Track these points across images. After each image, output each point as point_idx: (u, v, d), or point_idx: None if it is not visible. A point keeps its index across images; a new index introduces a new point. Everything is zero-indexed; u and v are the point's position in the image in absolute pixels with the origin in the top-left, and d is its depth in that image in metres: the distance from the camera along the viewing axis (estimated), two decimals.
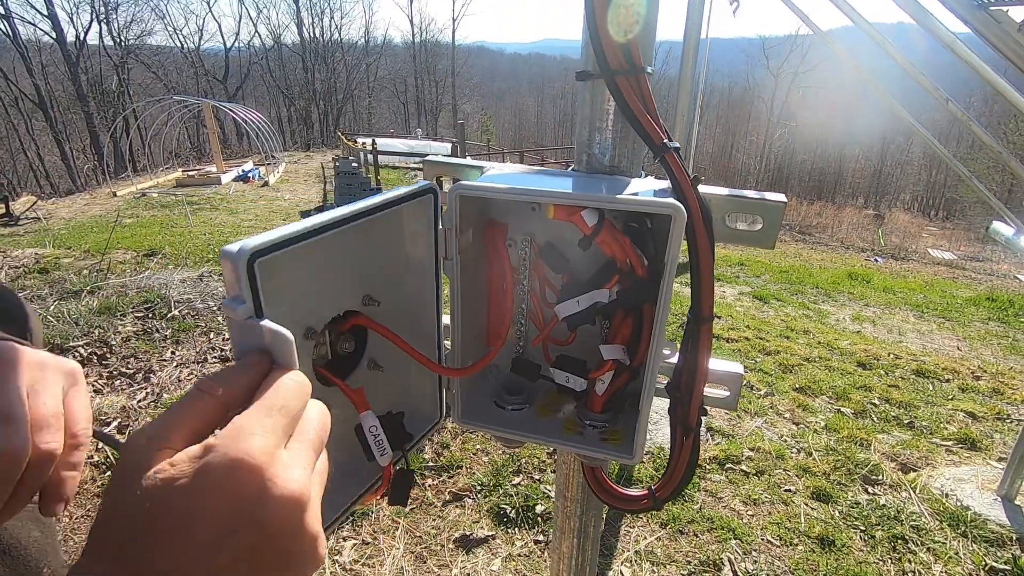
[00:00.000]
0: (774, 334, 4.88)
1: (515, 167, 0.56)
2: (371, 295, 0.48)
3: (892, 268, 11.87)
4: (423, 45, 45.67)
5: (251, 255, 0.34)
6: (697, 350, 0.52)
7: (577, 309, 0.51)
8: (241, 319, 0.34)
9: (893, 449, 2.87)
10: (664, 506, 0.62)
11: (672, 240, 0.43)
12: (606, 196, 0.44)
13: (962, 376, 4.14)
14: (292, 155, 21.21)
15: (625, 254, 0.48)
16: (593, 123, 0.54)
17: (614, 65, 0.48)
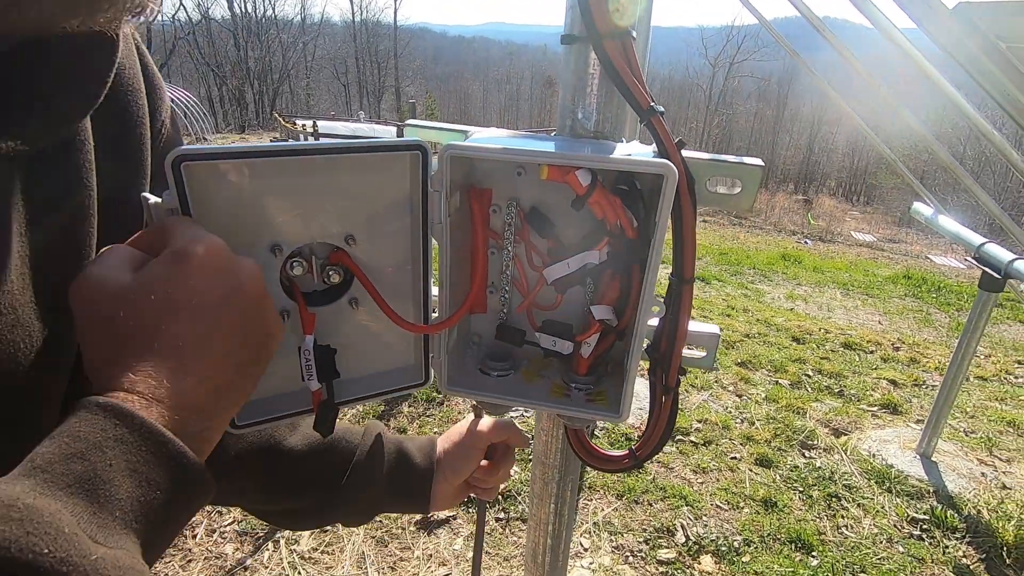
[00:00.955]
0: (716, 313, 5.10)
1: (499, 131, 0.56)
2: (353, 236, 0.49)
3: (820, 250, 12.62)
4: (363, 25, 44.17)
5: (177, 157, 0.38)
6: (679, 310, 0.54)
7: (568, 271, 0.52)
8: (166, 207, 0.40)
9: (826, 416, 3.08)
10: (643, 464, 0.64)
11: (664, 200, 0.44)
12: (601, 156, 0.45)
13: (884, 348, 4.47)
14: (225, 137, 20.13)
15: (616, 216, 0.49)
16: (577, 88, 0.54)
17: (602, 28, 0.49)
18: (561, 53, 0.55)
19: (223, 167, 0.41)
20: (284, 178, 0.44)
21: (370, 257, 0.50)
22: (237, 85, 35.54)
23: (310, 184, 0.45)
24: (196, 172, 0.39)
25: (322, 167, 0.45)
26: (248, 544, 2.09)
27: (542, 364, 0.61)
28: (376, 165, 0.47)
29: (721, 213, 18.43)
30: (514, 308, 0.60)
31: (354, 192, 0.47)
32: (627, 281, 0.52)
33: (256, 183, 0.43)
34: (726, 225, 15.88)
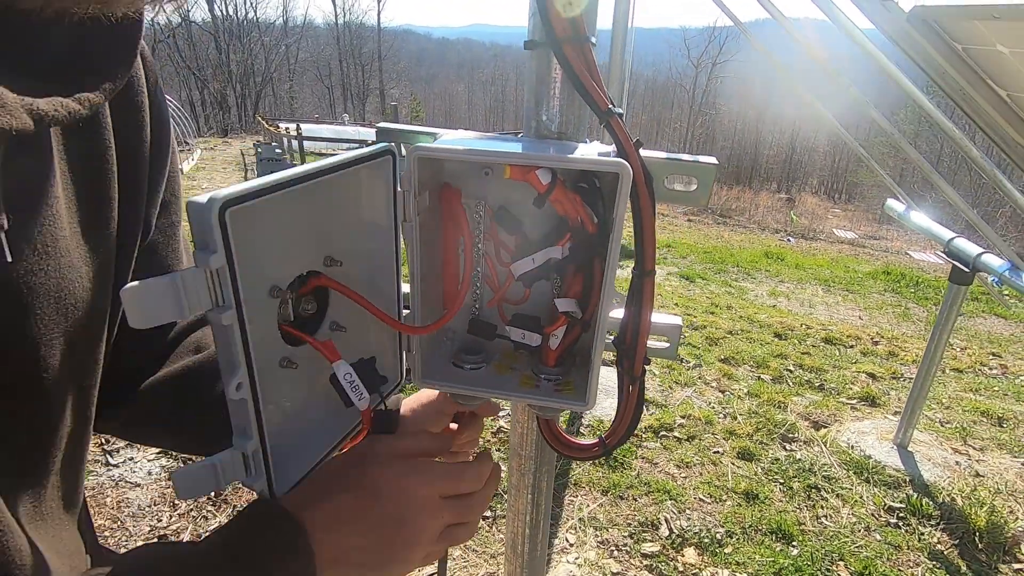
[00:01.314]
0: (700, 310, 5.16)
1: (468, 133, 0.58)
2: (332, 256, 0.49)
3: (803, 247, 12.81)
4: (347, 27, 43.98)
5: (222, 203, 0.34)
6: (641, 302, 0.57)
7: (532, 266, 0.54)
8: (214, 267, 0.35)
9: (806, 409, 3.14)
10: (612, 452, 0.66)
11: (620, 197, 0.47)
12: (559, 156, 0.47)
13: (863, 342, 4.57)
14: (207, 141, 19.91)
15: (576, 212, 0.51)
16: (540, 91, 0.57)
17: (560, 34, 0.51)
18: (524, 58, 0.57)
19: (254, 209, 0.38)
20: (282, 211, 0.43)
21: (345, 271, 0.50)
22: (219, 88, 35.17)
23: (299, 211, 0.45)
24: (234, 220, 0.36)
25: (303, 194, 0.43)
26: None
27: (513, 357, 0.64)
28: (351, 177, 0.48)
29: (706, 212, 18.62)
30: (485, 303, 0.63)
31: (333, 209, 0.48)
32: (590, 275, 0.54)
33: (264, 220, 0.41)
34: (710, 224, 16.07)
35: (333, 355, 0.46)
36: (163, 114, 0.53)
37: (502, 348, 0.64)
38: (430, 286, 0.58)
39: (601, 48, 0.60)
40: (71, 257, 0.42)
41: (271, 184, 0.38)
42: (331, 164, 0.44)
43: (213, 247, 0.35)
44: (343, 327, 0.53)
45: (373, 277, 0.54)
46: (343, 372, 0.46)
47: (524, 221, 0.58)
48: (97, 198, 0.45)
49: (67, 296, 0.42)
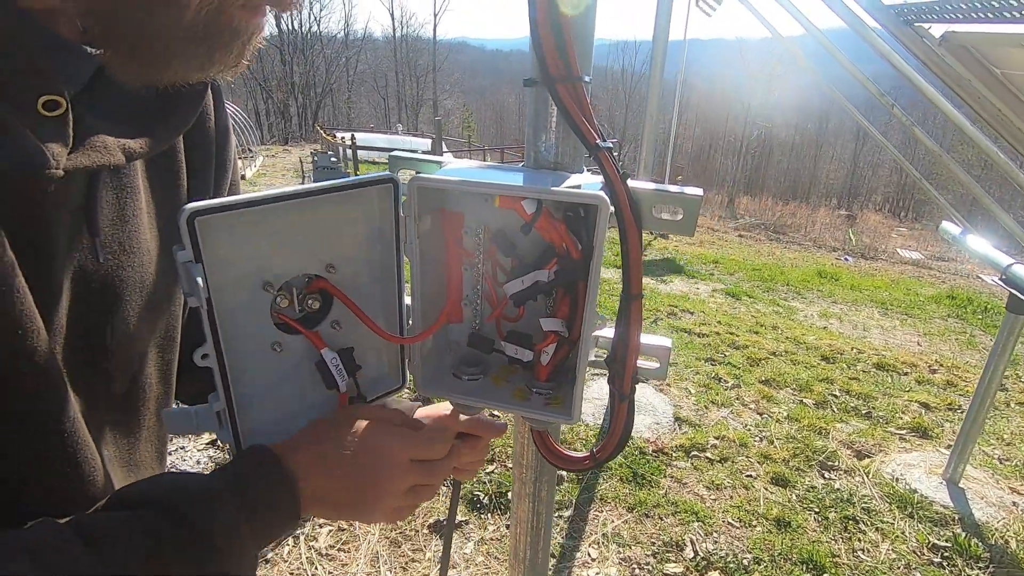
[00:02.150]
0: (744, 329, 5.03)
1: (471, 163, 0.63)
2: (332, 264, 0.56)
3: (861, 267, 12.22)
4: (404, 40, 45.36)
5: (191, 214, 0.44)
6: (628, 324, 0.60)
7: (522, 287, 0.58)
8: (182, 261, 0.45)
9: (850, 437, 3.01)
10: (603, 465, 0.69)
11: (599, 227, 0.51)
12: (542, 188, 0.51)
13: (919, 369, 4.34)
14: (270, 149, 20.93)
15: (562, 239, 0.55)
16: (538, 124, 0.61)
17: (554, 74, 0.56)
18: (525, 93, 0.62)
19: (227, 218, 0.46)
20: (275, 221, 0.51)
21: (349, 279, 0.57)
22: (282, 99, 36.91)
23: (297, 222, 0.52)
24: (204, 226, 0.44)
25: (308, 206, 0.51)
26: None
27: (509, 371, 0.68)
28: (354, 199, 0.54)
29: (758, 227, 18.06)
30: (485, 319, 0.67)
31: (335, 224, 0.55)
32: (575, 297, 0.58)
33: (252, 228, 0.49)
34: (762, 240, 15.57)
35: (320, 344, 0.53)
36: (226, 134, 0.65)
37: (499, 362, 0.68)
38: (430, 301, 0.62)
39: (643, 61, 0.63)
40: (151, 256, 0.54)
41: (248, 200, 0.47)
42: (330, 186, 0.51)
43: (181, 246, 0.44)
44: (341, 326, 0.59)
45: (377, 290, 0.60)
46: (330, 357, 0.53)
47: (519, 244, 0.62)
48: (171, 209, 0.56)
49: (148, 287, 0.54)
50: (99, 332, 0.50)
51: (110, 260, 0.50)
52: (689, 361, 3.95)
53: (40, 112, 0.40)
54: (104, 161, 0.44)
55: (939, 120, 25.47)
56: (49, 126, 0.40)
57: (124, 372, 0.54)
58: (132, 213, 0.52)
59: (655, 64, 2.32)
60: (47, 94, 0.40)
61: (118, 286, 0.51)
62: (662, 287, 6.68)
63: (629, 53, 48.82)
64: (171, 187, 0.57)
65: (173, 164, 0.58)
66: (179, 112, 0.51)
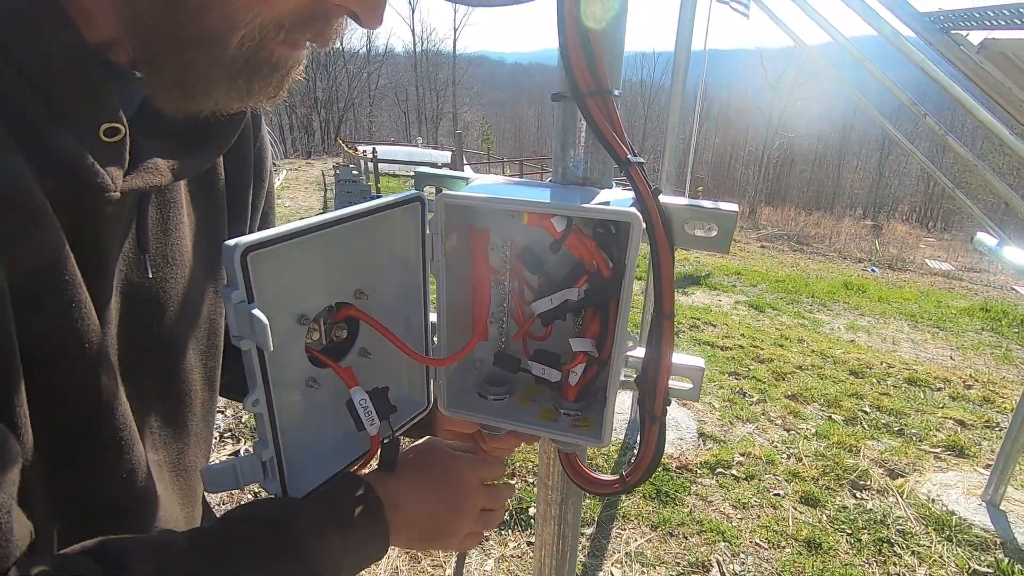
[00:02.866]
0: (768, 342, 4.93)
1: (498, 178, 0.62)
2: (362, 290, 0.54)
3: (888, 278, 11.94)
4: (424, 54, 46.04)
5: (244, 249, 0.41)
6: (660, 344, 0.58)
7: (550, 306, 0.57)
8: (235, 303, 0.42)
9: (882, 455, 2.92)
10: (633, 489, 0.67)
11: (631, 245, 0.49)
12: (573, 205, 0.50)
13: (953, 385, 4.19)
14: (293, 163, 21.33)
15: (592, 257, 0.54)
16: (566, 139, 0.60)
17: (584, 88, 0.54)
18: (553, 108, 0.61)
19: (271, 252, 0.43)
20: (308, 251, 0.48)
21: (376, 303, 0.56)
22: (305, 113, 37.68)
23: (329, 250, 0.50)
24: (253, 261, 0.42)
25: (340, 233, 0.49)
26: None
27: (536, 390, 0.66)
28: (383, 220, 0.53)
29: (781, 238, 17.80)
30: (511, 337, 0.65)
31: (364, 248, 0.53)
32: (606, 316, 0.56)
33: (289, 260, 0.47)
34: (785, 251, 15.33)
35: (352, 381, 0.51)
36: (263, 152, 0.68)
37: (526, 381, 0.67)
38: (456, 319, 0.61)
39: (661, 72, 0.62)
40: (194, 270, 0.57)
41: (293, 231, 0.45)
42: (362, 210, 0.50)
43: (235, 284, 0.42)
44: (370, 353, 0.57)
45: (402, 309, 0.59)
46: (359, 398, 0.50)
47: (547, 261, 0.60)
48: (212, 223, 0.60)
49: (190, 298, 0.57)
50: (146, 341, 0.53)
51: (156, 274, 0.53)
52: (712, 375, 3.87)
53: (102, 139, 0.42)
54: (156, 182, 0.47)
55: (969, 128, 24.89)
56: (109, 152, 0.43)
57: (170, 380, 0.57)
58: (175, 227, 0.55)
59: (677, 75, 2.30)
60: (108, 122, 0.42)
61: (162, 297, 0.54)
62: (683, 299, 6.60)
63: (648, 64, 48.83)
64: (212, 203, 0.60)
65: (214, 181, 0.60)
66: (222, 134, 0.54)
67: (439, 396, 0.64)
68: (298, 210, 11.54)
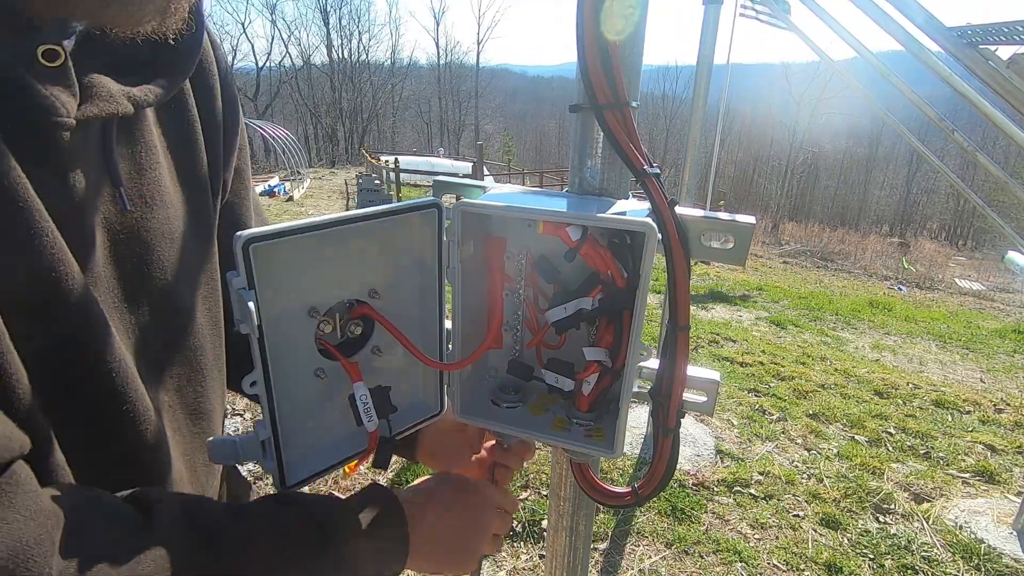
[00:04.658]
0: (790, 360, 4.84)
1: (515, 187, 0.62)
2: (376, 290, 0.56)
3: (916, 297, 11.65)
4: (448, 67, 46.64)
5: (247, 240, 0.43)
6: (675, 356, 0.57)
7: (564, 315, 0.57)
8: (236, 288, 0.44)
9: (907, 479, 2.83)
10: (646, 503, 0.66)
11: (646, 255, 0.49)
12: (588, 214, 0.50)
13: (983, 408, 4.06)
14: (317, 171, 21.70)
15: (607, 266, 0.54)
16: (584, 150, 0.60)
17: (601, 100, 0.55)
18: (571, 119, 0.61)
19: (279, 245, 0.46)
20: (322, 247, 0.50)
21: (391, 304, 0.57)
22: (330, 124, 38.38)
23: (343, 248, 0.52)
24: (257, 252, 0.44)
25: (355, 232, 0.51)
26: None
27: (549, 399, 0.66)
28: (399, 224, 0.54)
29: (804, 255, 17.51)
30: (525, 345, 0.66)
31: (380, 250, 0.54)
32: (620, 326, 0.56)
33: (300, 254, 0.49)
34: (809, 268, 15.07)
35: (356, 376, 0.52)
36: (232, 93, 0.65)
37: (538, 390, 0.67)
38: (471, 327, 0.62)
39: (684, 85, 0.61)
40: (176, 208, 0.55)
41: (296, 227, 0.46)
42: (377, 212, 0.51)
43: (237, 271, 0.44)
44: (382, 352, 0.58)
45: (418, 314, 0.59)
46: (360, 393, 0.52)
47: (562, 270, 0.61)
48: (189, 161, 0.58)
49: (178, 239, 0.55)
50: (136, 280, 0.52)
51: (135, 211, 0.51)
52: (732, 391, 3.81)
53: (41, 62, 0.41)
54: (112, 110, 0.45)
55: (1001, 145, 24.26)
56: (52, 76, 0.42)
57: (172, 321, 0.56)
58: (150, 166, 0.53)
59: (698, 89, 2.29)
60: (45, 44, 0.41)
61: (146, 236, 0.52)
62: (703, 313, 6.52)
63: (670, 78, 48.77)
64: (187, 142, 0.58)
65: (186, 116, 0.58)
66: (177, 62, 0.52)
67: (452, 402, 0.64)
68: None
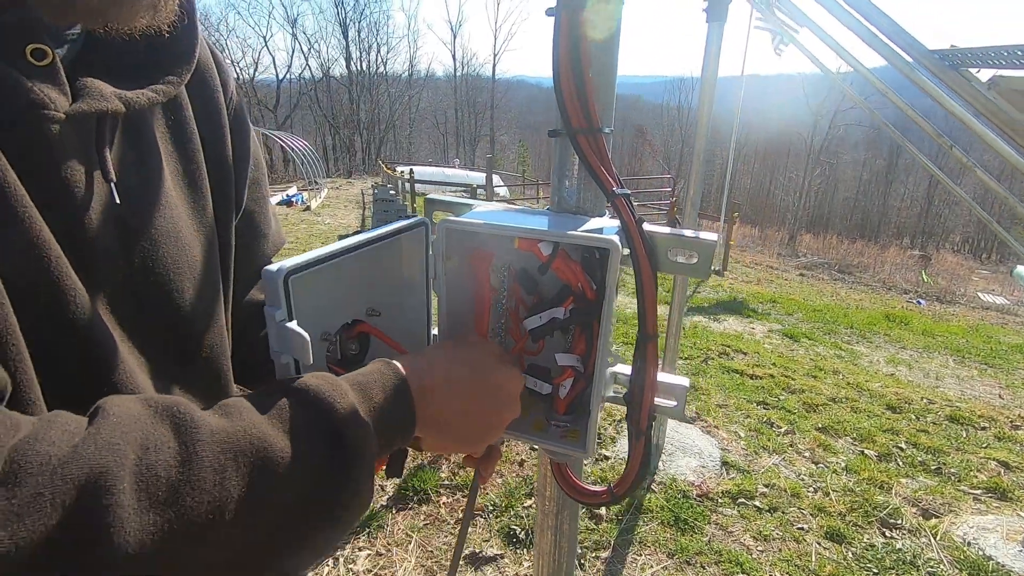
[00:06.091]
0: (801, 373, 4.81)
1: (499, 206, 0.68)
2: (373, 307, 0.60)
3: (936, 311, 11.44)
4: (464, 79, 47.15)
5: (287, 273, 0.47)
6: (644, 363, 0.62)
7: (539, 323, 0.61)
8: (277, 320, 0.47)
9: (915, 494, 2.81)
10: (621, 501, 0.70)
11: (610, 269, 0.54)
12: (556, 232, 0.55)
13: (999, 425, 3.99)
14: (334, 181, 22.04)
15: (577, 279, 0.58)
16: (562, 171, 0.65)
17: (576, 126, 0.60)
18: (550, 142, 0.66)
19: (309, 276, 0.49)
20: (332, 272, 0.54)
21: (385, 319, 0.61)
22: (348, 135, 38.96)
23: (346, 274, 0.56)
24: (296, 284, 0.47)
25: (356, 257, 0.54)
26: None
27: (531, 402, 0.70)
28: (393, 246, 0.59)
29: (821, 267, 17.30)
30: (509, 352, 0.70)
31: (377, 269, 0.59)
32: (591, 334, 0.61)
33: (318, 282, 0.53)
34: (825, 280, 14.88)
35: None
36: (242, 115, 0.68)
37: (522, 393, 0.71)
38: (457, 333, 0.67)
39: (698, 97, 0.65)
40: (179, 210, 0.57)
41: (326, 255, 0.50)
42: (376, 236, 0.56)
43: (278, 304, 0.47)
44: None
45: (407, 324, 0.65)
46: None
47: (541, 283, 0.66)
48: (190, 171, 0.60)
49: (181, 236, 0.57)
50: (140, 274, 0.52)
51: (133, 206, 0.52)
52: (740, 403, 3.81)
53: (30, 61, 0.44)
54: (102, 107, 0.47)
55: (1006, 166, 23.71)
56: (41, 74, 0.44)
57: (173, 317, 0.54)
58: (152, 166, 0.55)
59: (702, 104, 2.34)
60: (33, 43, 0.44)
61: (152, 234, 0.53)
62: (714, 325, 6.49)
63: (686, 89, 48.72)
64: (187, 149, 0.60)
65: (185, 126, 0.60)
66: (170, 67, 0.55)
67: None
68: (337, 227, 11.90)
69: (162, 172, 0.56)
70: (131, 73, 0.53)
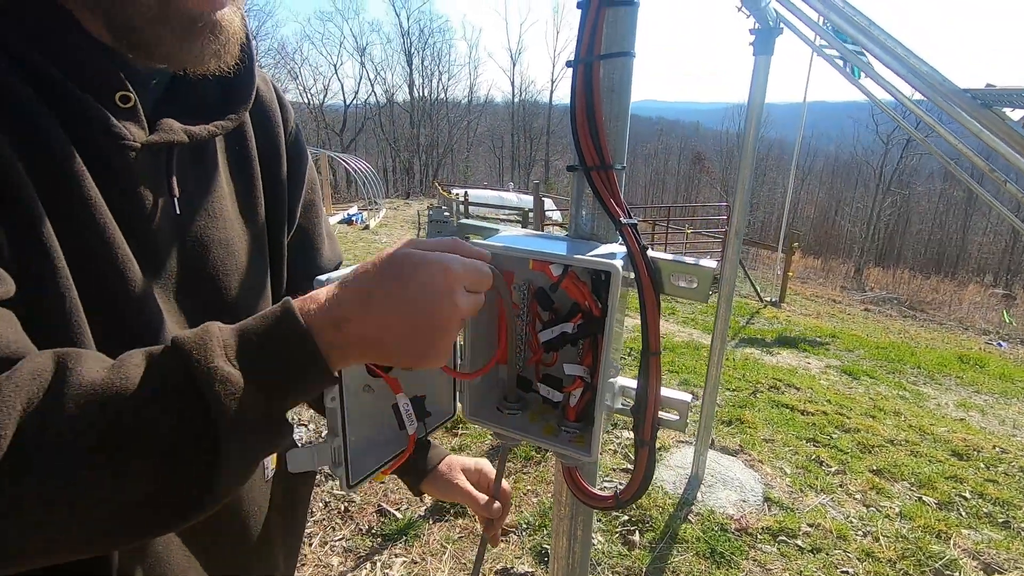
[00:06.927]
0: (858, 411, 4.59)
1: (521, 231, 0.76)
2: None
3: (1018, 355, 10.58)
4: (522, 104, 48.10)
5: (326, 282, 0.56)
6: (648, 378, 0.68)
7: (550, 336, 0.69)
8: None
9: (977, 547, 2.63)
10: (626, 507, 0.75)
11: (612, 290, 0.60)
12: (565, 255, 0.62)
13: None
14: (393, 202, 22.87)
15: (584, 298, 0.65)
16: (579, 202, 0.73)
17: (589, 163, 0.68)
18: (570, 176, 0.74)
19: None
20: None
21: None
22: (407, 157, 40.41)
23: None
24: None
25: None
26: (351, 560, 2.36)
27: (545, 409, 0.77)
28: None
29: (890, 303, 16.38)
30: (526, 362, 0.78)
31: None
32: (597, 348, 0.67)
33: None
34: (894, 316, 14.07)
35: (397, 389, 0.64)
36: (299, 145, 0.81)
37: (537, 401, 0.78)
38: (480, 343, 0.75)
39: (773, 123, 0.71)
40: (234, 223, 0.69)
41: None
42: None
43: None
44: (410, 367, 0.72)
45: None
46: (403, 403, 0.64)
47: (556, 301, 0.73)
48: (248, 189, 0.73)
49: (232, 243, 0.68)
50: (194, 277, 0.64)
51: (191, 216, 0.64)
52: (788, 439, 3.68)
53: (118, 104, 0.56)
54: (170, 138, 0.59)
55: None
56: (125, 114, 0.57)
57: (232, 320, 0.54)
58: (214, 188, 0.67)
59: (748, 133, 2.36)
60: (120, 90, 0.56)
61: (204, 241, 0.65)
62: (767, 358, 6.29)
63: (743, 116, 47.72)
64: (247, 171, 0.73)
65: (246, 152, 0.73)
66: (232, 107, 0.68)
67: (463, 405, 0.77)
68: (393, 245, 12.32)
69: (220, 189, 0.68)
70: (202, 112, 0.67)
